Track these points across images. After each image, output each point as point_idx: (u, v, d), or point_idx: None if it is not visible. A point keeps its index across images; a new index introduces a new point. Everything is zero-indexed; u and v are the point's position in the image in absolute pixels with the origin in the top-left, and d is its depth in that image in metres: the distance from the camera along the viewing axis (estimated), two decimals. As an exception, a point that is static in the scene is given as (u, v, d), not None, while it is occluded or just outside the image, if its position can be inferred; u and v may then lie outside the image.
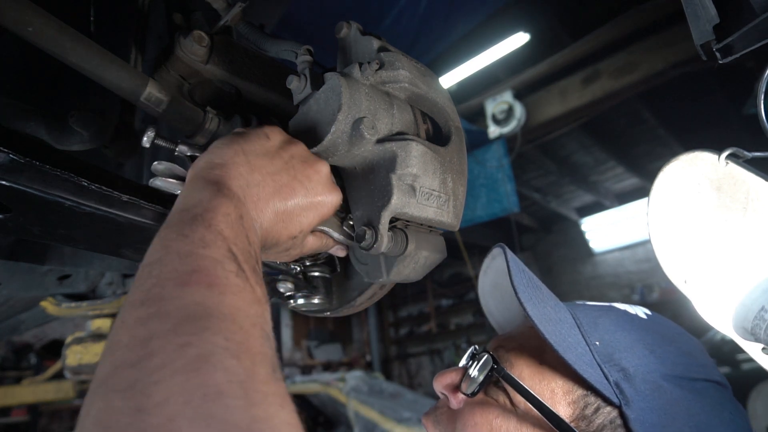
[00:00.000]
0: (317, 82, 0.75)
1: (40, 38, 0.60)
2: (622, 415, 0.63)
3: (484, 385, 0.73)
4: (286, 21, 3.04)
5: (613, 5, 5.06)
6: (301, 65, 0.79)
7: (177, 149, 0.74)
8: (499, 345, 0.77)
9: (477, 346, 0.81)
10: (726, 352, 5.21)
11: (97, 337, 2.13)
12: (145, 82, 0.70)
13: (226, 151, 0.63)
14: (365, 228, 0.71)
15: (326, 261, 0.92)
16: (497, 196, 6.51)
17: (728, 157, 0.76)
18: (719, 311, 0.80)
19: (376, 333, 12.76)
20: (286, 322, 11.61)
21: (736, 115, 6.64)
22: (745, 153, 0.75)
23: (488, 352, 0.74)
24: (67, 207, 0.71)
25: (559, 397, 0.68)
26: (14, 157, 0.64)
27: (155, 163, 0.74)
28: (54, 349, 6.83)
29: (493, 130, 6.15)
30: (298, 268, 0.91)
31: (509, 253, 0.76)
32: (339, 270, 0.93)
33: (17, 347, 6.90)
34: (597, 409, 0.65)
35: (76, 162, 0.72)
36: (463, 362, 0.81)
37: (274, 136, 0.70)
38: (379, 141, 0.73)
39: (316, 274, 0.90)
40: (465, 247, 6.85)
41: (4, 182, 0.65)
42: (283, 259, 0.76)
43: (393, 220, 0.74)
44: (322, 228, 0.77)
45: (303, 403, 6.86)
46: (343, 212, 0.79)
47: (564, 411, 0.66)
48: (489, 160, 6.49)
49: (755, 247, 0.74)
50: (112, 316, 2.13)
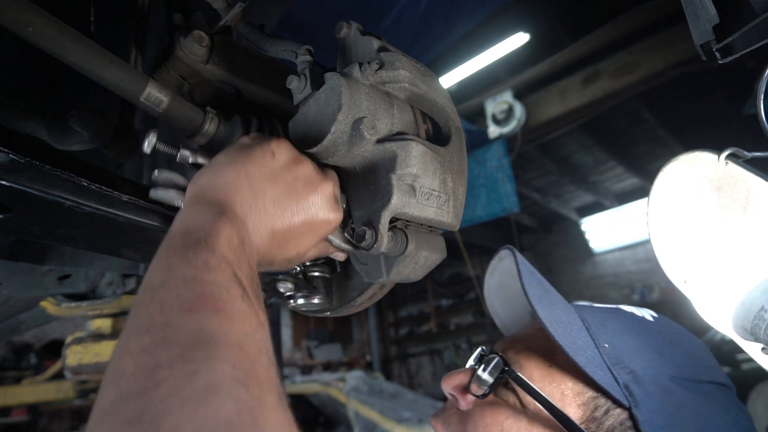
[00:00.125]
0: (317, 82, 0.75)
1: (40, 38, 0.60)
2: (632, 417, 0.64)
3: (494, 387, 0.73)
4: (286, 21, 3.03)
5: (613, 5, 5.07)
6: (301, 65, 0.79)
7: (178, 155, 0.73)
8: (508, 347, 0.78)
9: (484, 348, 0.81)
10: (726, 352, 5.22)
11: (97, 337, 2.13)
12: (145, 82, 0.70)
13: (230, 172, 0.62)
14: (365, 228, 0.71)
15: (326, 261, 0.92)
16: (497, 196, 6.51)
17: (728, 157, 0.76)
18: (719, 311, 0.80)
19: (376, 333, 12.76)
20: (286, 322, 11.61)
21: (736, 115, 6.64)
22: (745, 153, 0.75)
23: (498, 354, 0.74)
24: (67, 207, 0.71)
25: (570, 399, 0.68)
26: (14, 157, 0.64)
27: (155, 172, 0.73)
28: (54, 349, 6.84)
29: (493, 130, 6.15)
30: (298, 268, 0.91)
31: (519, 255, 0.76)
32: (339, 270, 0.93)
33: (17, 347, 6.90)
34: (607, 411, 0.66)
35: (76, 162, 0.72)
36: (470, 363, 0.81)
37: (280, 154, 0.67)
38: (379, 141, 0.73)
39: (316, 274, 0.90)
40: (465, 247, 6.86)
41: (4, 182, 0.65)
42: (283, 269, 0.76)
43: (393, 220, 0.74)
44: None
45: (303, 403, 6.85)
46: (345, 219, 0.79)
47: (574, 413, 0.67)
48: (489, 160, 6.49)
49: (755, 247, 0.74)
50: (112, 316, 2.13)
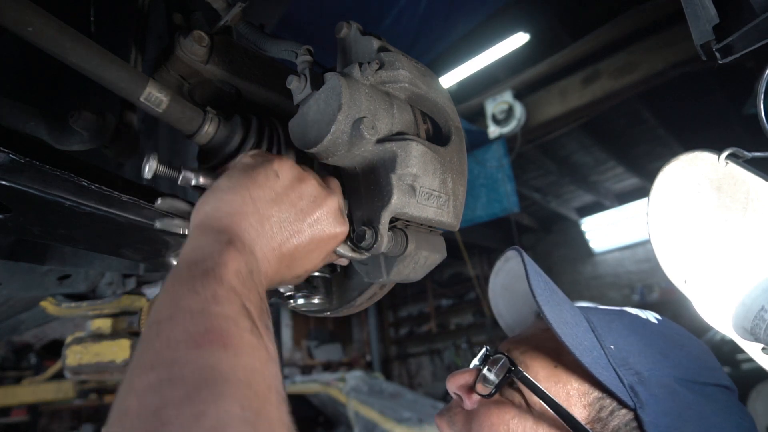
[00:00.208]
0: (317, 82, 0.75)
1: (40, 38, 0.60)
2: (637, 418, 0.64)
3: (500, 387, 0.73)
4: (286, 21, 3.03)
5: (613, 5, 5.07)
6: (301, 65, 0.79)
7: (180, 178, 0.72)
8: (513, 347, 0.78)
9: (489, 347, 0.81)
10: (726, 352, 5.22)
11: (97, 337, 2.13)
12: (145, 82, 0.70)
13: (235, 198, 0.61)
14: (365, 228, 0.71)
15: (326, 261, 0.92)
16: (497, 196, 6.51)
17: (728, 157, 0.76)
18: (719, 311, 0.80)
19: (376, 333, 12.76)
20: (286, 322, 11.61)
21: (736, 115, 6.64)
22: (745, 153, 0.75)
23: (504, 354, 0.75)
24: (67, 207, 0.71)
25: (575, 400, 0.68)
26: (14, 157, 0.64)
27: (158, 200, 0.73)
28: (54, 349, 6.84)
29: (493, 130, 6.15)
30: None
31: (526, 257, 0.77)
32: (339, 270, 0.93)
33: (17, 347, 6.90)
34: (612, 412, 0.66)
35: (76, 162, 0.72)
36: (475, 363, 0.81)
37: (284, 174, 0.66)
38: (379, 141, 0.73)
39: (316, 274, 0.90)
40: (465, 247, 6.86)
41: (4, 182, 0.65)
42: (291, 284, 0.75)
43: (393, 220, 0.74)
44: None
45: (303, 404, 6.85)
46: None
47: (580, 413, 0.67)
48: (489, 160, 6.49)
49: (755, 247, 0.74)
50: (112, 316, 2.13)
